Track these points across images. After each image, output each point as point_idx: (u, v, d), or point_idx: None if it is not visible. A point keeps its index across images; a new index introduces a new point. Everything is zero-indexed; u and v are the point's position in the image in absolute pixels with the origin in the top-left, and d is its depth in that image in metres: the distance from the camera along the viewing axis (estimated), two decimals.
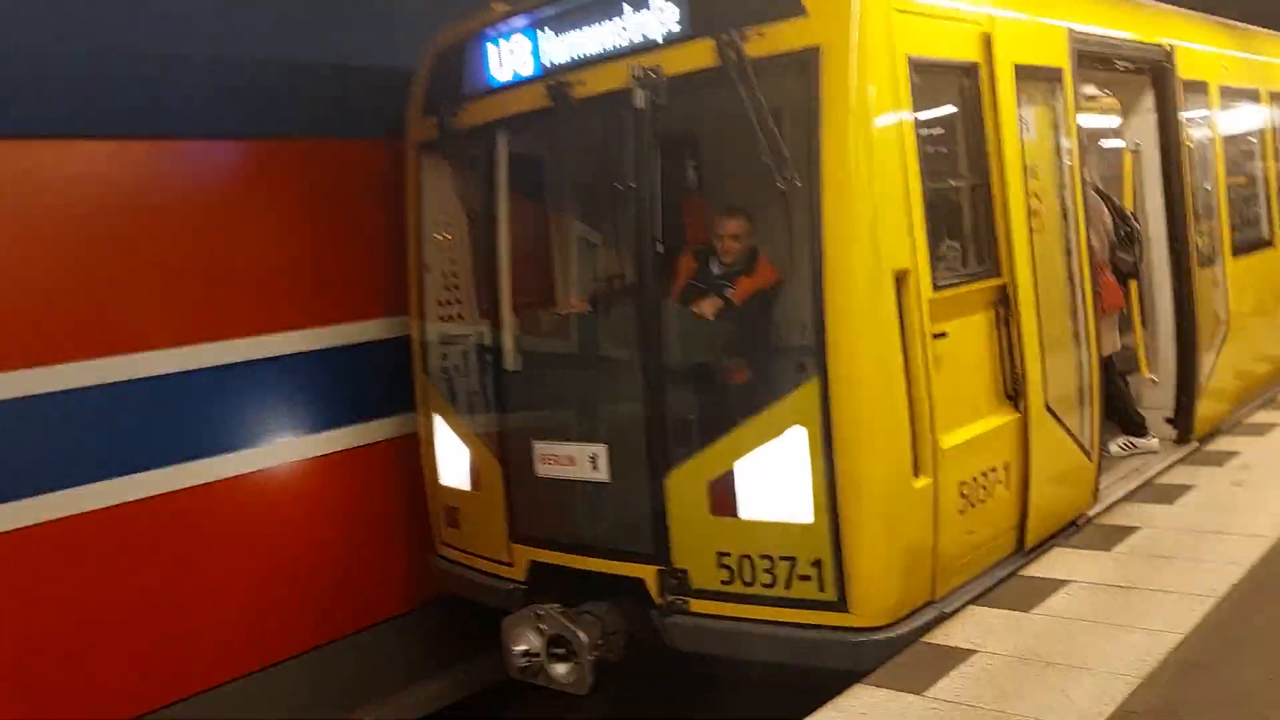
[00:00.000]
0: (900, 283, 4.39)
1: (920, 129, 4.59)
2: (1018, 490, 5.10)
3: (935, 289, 4.58)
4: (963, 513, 4.73)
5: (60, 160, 5.26)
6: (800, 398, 4.41)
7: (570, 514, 5.34)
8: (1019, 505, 5.12)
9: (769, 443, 4.46)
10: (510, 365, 5.58)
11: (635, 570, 4.97)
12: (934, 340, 4.54)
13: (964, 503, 4.74)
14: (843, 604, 4.40)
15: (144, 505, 5.40)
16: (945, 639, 4.31)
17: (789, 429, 4.41)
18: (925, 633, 4.40)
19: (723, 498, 4.65)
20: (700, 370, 5.10)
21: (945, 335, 4.63)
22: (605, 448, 5.07)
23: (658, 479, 4.84)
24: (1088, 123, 7.11)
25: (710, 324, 5.20)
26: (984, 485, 4.88)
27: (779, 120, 4.46)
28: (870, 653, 4.30)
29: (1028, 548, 5.18)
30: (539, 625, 5.09)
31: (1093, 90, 7.56)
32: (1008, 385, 5.04)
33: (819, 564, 4.44)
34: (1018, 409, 5.06)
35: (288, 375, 6.04)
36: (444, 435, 6.06)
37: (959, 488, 4.70)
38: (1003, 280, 5.02)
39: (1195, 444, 6.88)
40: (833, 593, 4.42)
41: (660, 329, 4.91)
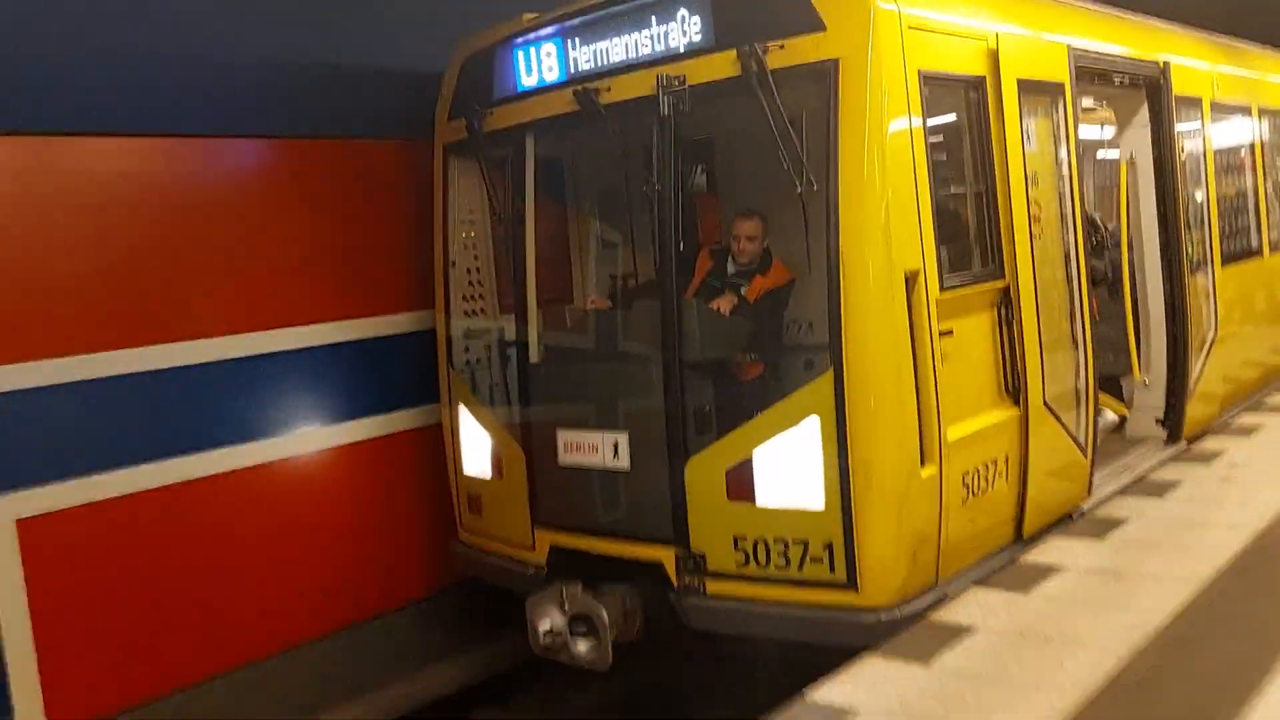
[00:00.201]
0: (910, 283, 4.66)
1: (930, 138, 4.85)
2: (1016, 482, 5.38)
3: (942, 289, 4.85)
4: (965, 501, 5.00)
5: (125, 156, 5.56)
6: (816, 389, 4.67)
7: (592, 500, 5.59)
8: (1017, 496, 5.40)
9: (786, 432, 4.73)
10: (535, 358, 5.85)
11: (654, 553, 5.23)
12: (941, 338, 4.81)
13: (966, 492, 5.01)
14: (852, 584, 4.67)
15: (192, 486, 5.69)
16: (948, 617, 4.58)
17: (805, 419, 4.68)
18: (929, 612, 4.67)
19: (740, 484, 4.91)
20: (718, 364, 5.36)
21: (951, 333, 4.91)
22: (627, 436, 5.32)
23: (678, 466, 5.09)
24: (1085, 133, 7.39)
25: (727, 320, 5.47)
26: (985, 476, 5.15)
27: (797, 128, 4.73)
28: (878, 630, 4.55)
29: (1025, 537, 5.46)
30: (562, 604, 5.35)
31: (1090, 103, 7.87)
32: (1008, 382, 5.32)
33: (830, 547, 4.71)
34: (1017, 405, 5.34)
35: (326, 365, 6.32)
36: (468, 425, 6.30)
37: (962, 478, 4.97)
38: (1005, 282, 5.30)
39: (1184, 443, 7.16)
40: (843, 574, 4.69)
41: (681, 324, 5.17)
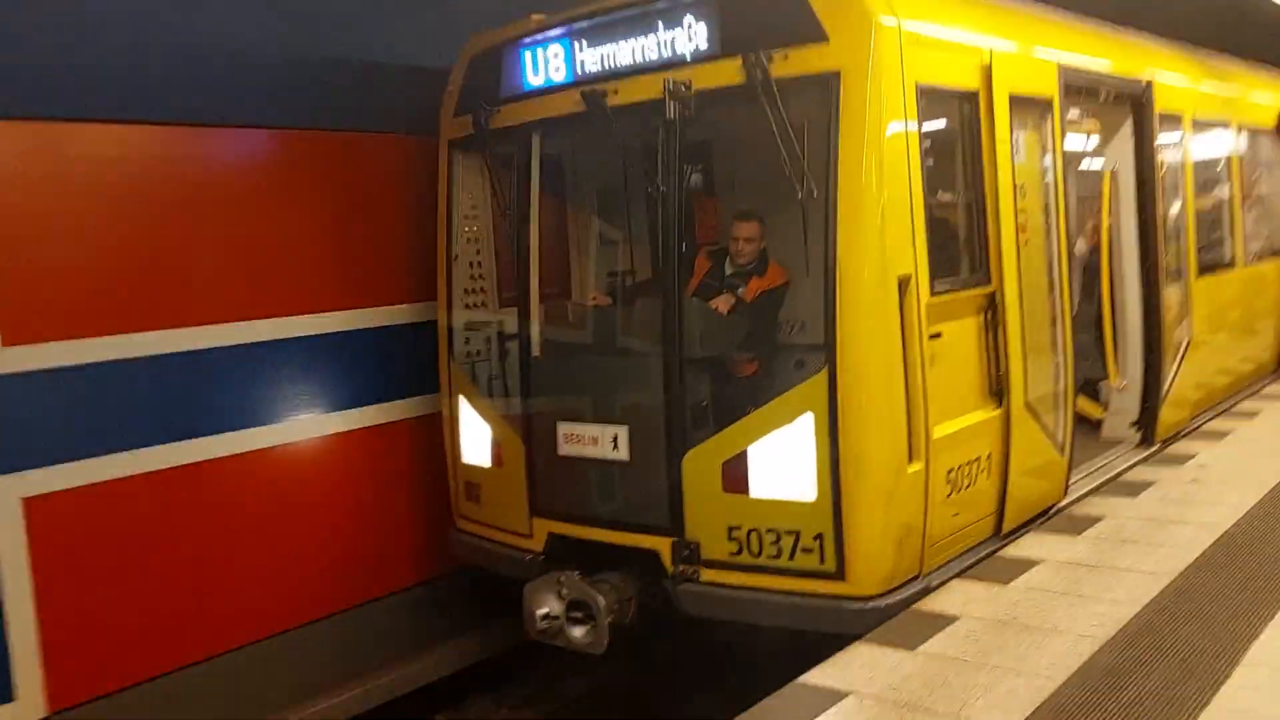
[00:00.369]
0: (903, 287, 4.86)
1: (924, 148, 5.06)
2: (998, 479, 5.60)
3: (932, 294, 5.06)
4: (949, 497, 5.22)
5: (141, 144, 5.70)
6: (811, 387, 4.87)
7: (590, 490, 5.76)
8: (998, 493, 5.63)
9: (782, 428, 4.93)
10: (537, 351, 6.01)
11: (650, 542, 5.41)
12: (930, 340, 5.02)
13: (951, 488, 5.23)
14: (841, 574, 4.87)
15: (197, 469, 5.84)
16: (932, 606, 4.80)
17: (800, 416, 4.87)
18: (914, 602, 4.89)
19: (735, 477, 5.10)
20: (716, 361, 5.55)
21: (940, 335, 5.11)
22: (626, 429, 5.49)
23: (675, 459, 5.27)
24: (1069, 143, 7.64)
25: (724, 319, 5.66)
26: (968, 473, 5.37)
27: (799, 136, 4.91)
28: (865, 618, 4.76)
29: (1005, 532, 5.69)
30: (560, 590, 5.52)
31: (1075, 115, 8.11)
32: (992, 384, 5.53)
33: (820, 537, 4.91)
34: (1000, 406, 5.56)
35: (327, 352, 6.47)
36: (468, 415, 6.45)
37: (947, 474, 5.19)
38: (992, 288, 5.51)
39: (1158, 446, 7.43)
40: (832, 564, 4.88)
41: (681, 322, 5.35)
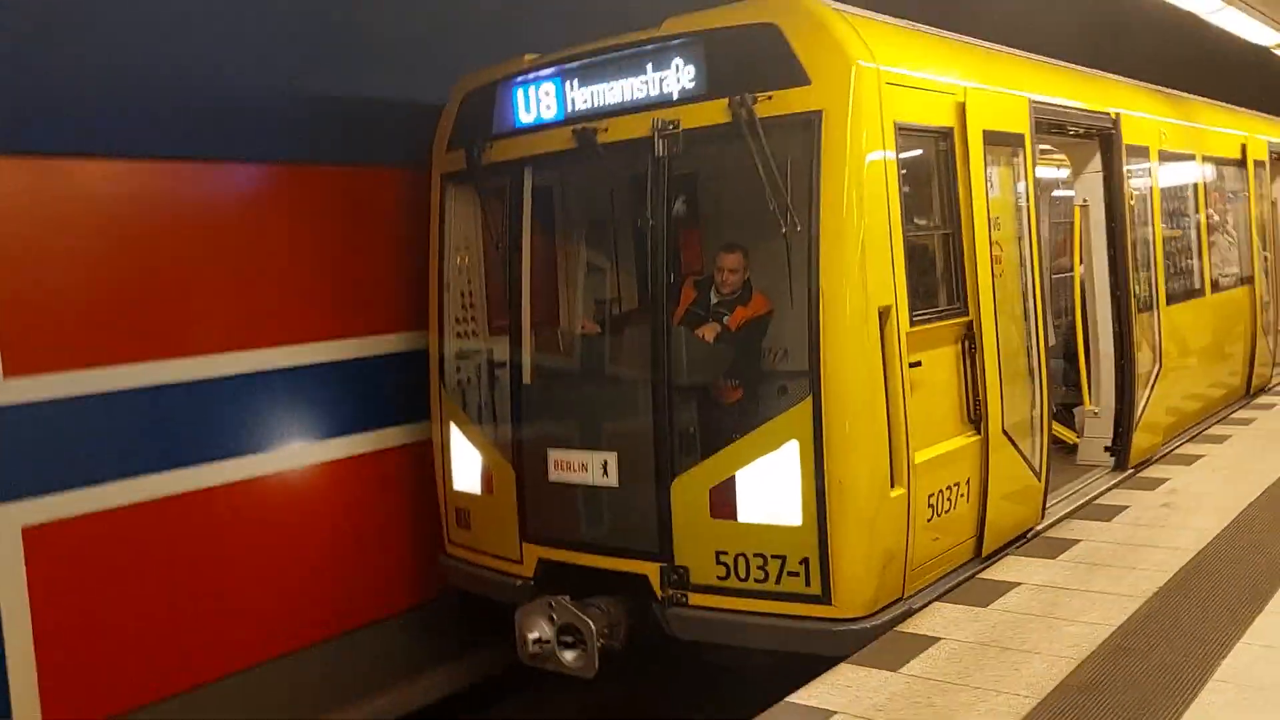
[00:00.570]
0: (883, 317, 5.04)
1: (903, 184, 5.26)
2: (977, 504, 5.77)
3: (912, 324, 5.24)
4: (930, 521, 5.38)
5: (133, 180, 5.80)
6: (796, 415, 5.03)
7: (580, 516, 5.89)
8: (978, 517, 5.79)
9: (768, 454, 5.08)
10: (528, 379, 6.14)
11: (639, 567, 5.53)
12: (910, 368, 5.20)
13: (931, 512, 5.39)
14: (827, 597, 5.01)
15: (190, 498, 5.91)
16: (915, 628, 4.95)
17: (786, 443, 5.03)
18: (897, 624, 5.03)
19: (723, 502, 5.24)
20: (703, 389, 5.71)
21: (919, 364, 5.29)
22: (615, 456, 5.63)
23: (664, 485, 5.41)
24: (1040, 174, 7.90)
25: (711, 347, 5.82)
26: (949, 498, 5.54)
27: (783, 173, 5.10)
28: (850, 640, 4.90)
29: (984, 555, 5.85)
30: (551, 614, 5.62)
31: (1046, 146, 8.39)
32: (970, 410, 5.71)
33: (806, 562, 5.05)
34: (979, 432, 5.73)
35: (319, 382, 6.57)
36: (458, 442, 6.57)
37: (928, 499, 5.35)
38: (969, 318, 5.71)
39: (1130, 470, 7.63)
40: (818, 587, 5.02)
41: (669, 350, 5.50)
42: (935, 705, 4.09)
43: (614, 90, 5.69)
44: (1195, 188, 9.61)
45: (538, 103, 6.02)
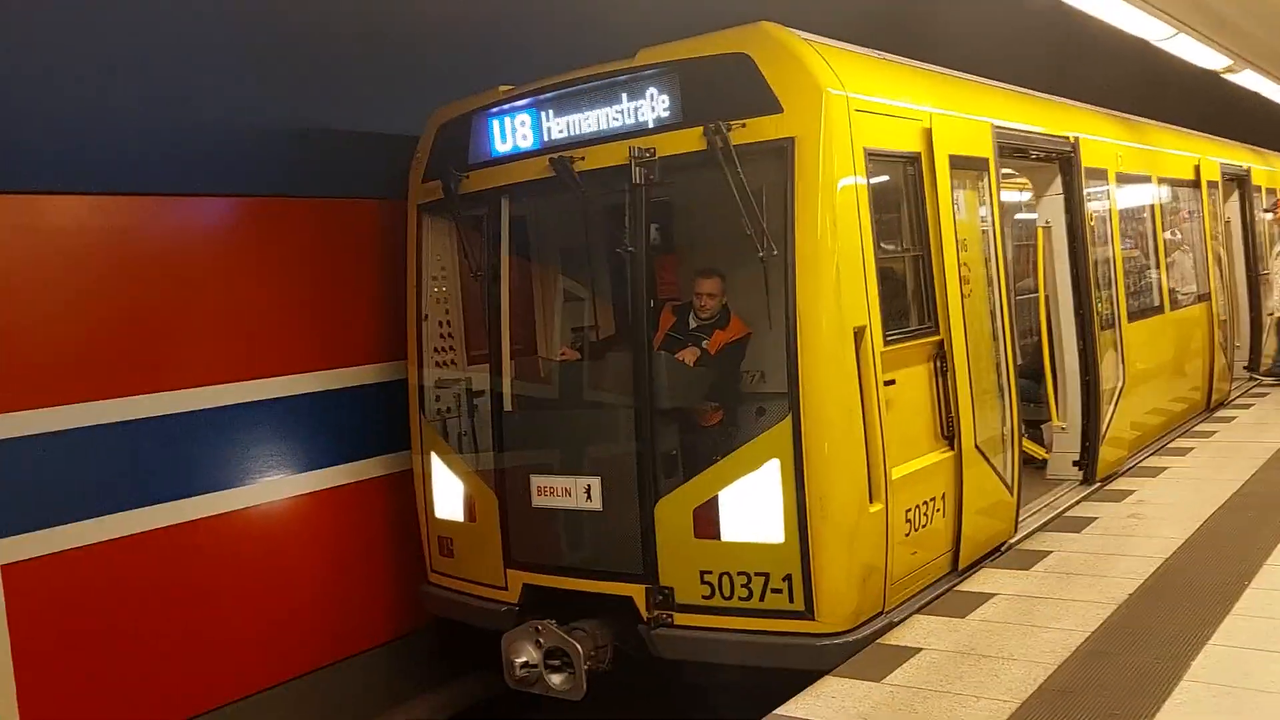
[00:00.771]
0: (858, 337, 5.18)
1: (874, 208, 5.41)
2: (953, 518, 5.90)
3: (886, 343, 5.38)
4: (908, 535, 5.50)
5: (110, 215, 5.83)
6: (776, 434, 5.14)
7: (563, 540, 5.94)
8: (954, 531, 5.93)
9: (750, 474, 5.18)
10: (509, 407, 6.21)
11: (624, 589, 5.58)
12: (885, 387, 5.34)
13: (909, 527, 5.51)
14: (810, 612, 5.10)
15: (170, 532, 5.89)
16: (896, 640, 5.05)
17: (768, 462, 5.13)
18: (879, 636, 5.13)
19: (706, 522, 5.32)
20: (684, 412, 5.80)
21: (894, 383, 5.43)
22: (599, 480, 5.69)
23: (648, 507, 5.48)
24: (1006, 197, 8.13)
25: (690, 371, 5.93)
26: (925, 513, 5.67)
27: (758, 199, 5.24)
28: (833, 654, 4.98)
29: (961, 568, 5.98)
30: (538, 639, 5.66)
31: (1009, 170, 8.63)
32: (944, 427, 5.86)
33: (789, 578, 5.14)
34: (952, 448, 5.88)
35: (297, 413, 6.59)
36: (440, 471, 6.60)
37: (905, 514, 5.47)
38: (940, 337, 5.86)
39: (1098, 483, 7.82)
40: (801, 603, 5.11)
41: (650, 375, 5.60)
42: (918, 712, 4.19)
43: (590, 119, 5.81)
44: (1152, 208, 9.90)
45: (514, 132, 6.12)
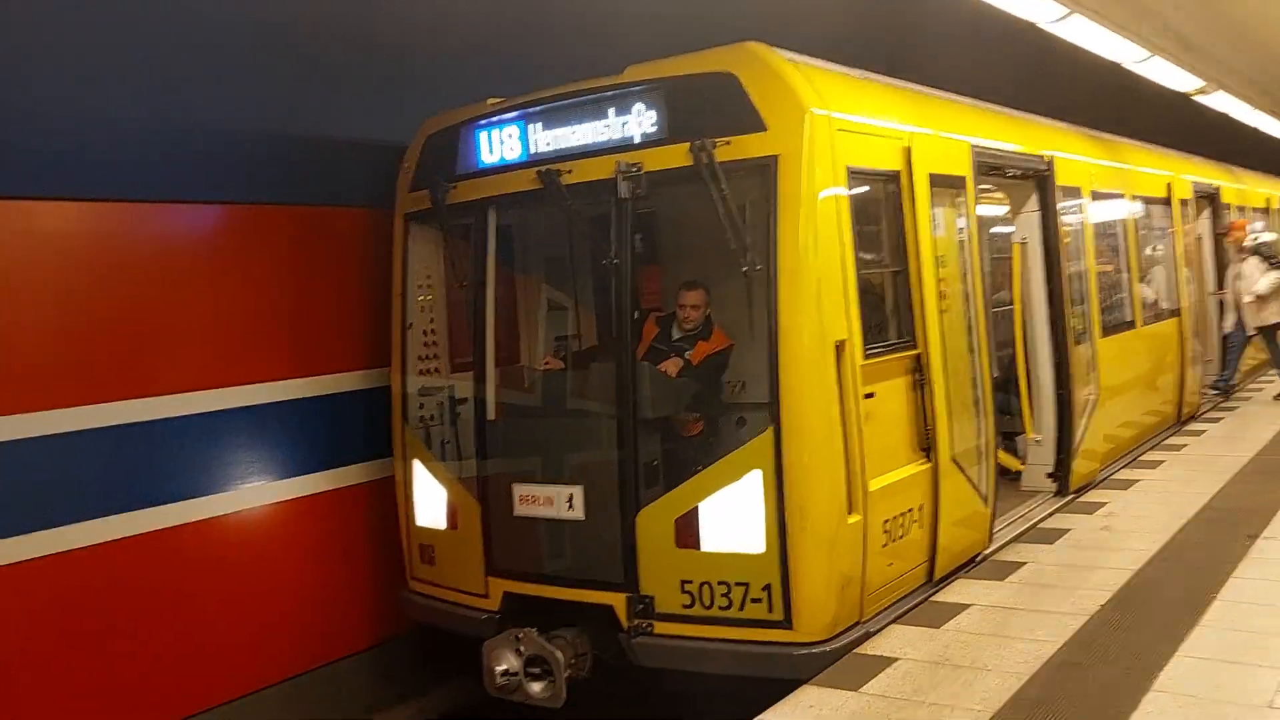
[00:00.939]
0: (839, 351, 5.27)
1: (855, 224, 5.51)
2: (929, 529, 6.01)
3: (865, 357, 5.48)
4: (885, 546, 5.60)
5: (94, 221, 5.84)
6: (758, 446, 5.22)
7: (545, 549, 5.99)
8: (930, 542, 6.02)
9: (732, 484, 5.25)
10: (492, 415, 6.25)
11: (605, 598, 5.64)
12: (864, 399, 5.43)
13: (886, 538, 5.61)
14: (788, 622, 5.18)
15: (152, 538, 5.90)
16: (873, 650, 5.14)
17: (749, 473, 5.21)
18: (856, 646, 5.21)
19: (687, 532, 5.39)
20: (666, 422, 5.87)
21: (873, 395, 5.53)
22: (581, 489, 5.75)
23: (629, 517, 5.54)
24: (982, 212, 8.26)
25: (673, 381, 6.00)
26: (902, 524, 5.76)
27: (742, 214, 5.34)
28: (811, 663, 5.06)
29: (936, 579, 6.08)
30: (518, 647, 5.70)
31: (986, 186, 8.78)
32: (921, 439, 5.96)
33: (769, 588, 5.22)
34: (929, 460, 5.98)
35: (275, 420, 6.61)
36: (422, 479, 6.63)
37: (883, 525, 5.56)
38: (918, 351, 5.97)
39: (1072, 495, 7.96)
40: (780, 612, 5.19)
41: (633, 385, 5.67)
42: None
43: (577, 134, 5.88)
44: (1125, 225, 10.09)
45: (501, 145, 6.18)
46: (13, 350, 5.41)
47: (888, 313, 6.02)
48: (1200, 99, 13.52)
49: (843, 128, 5.46)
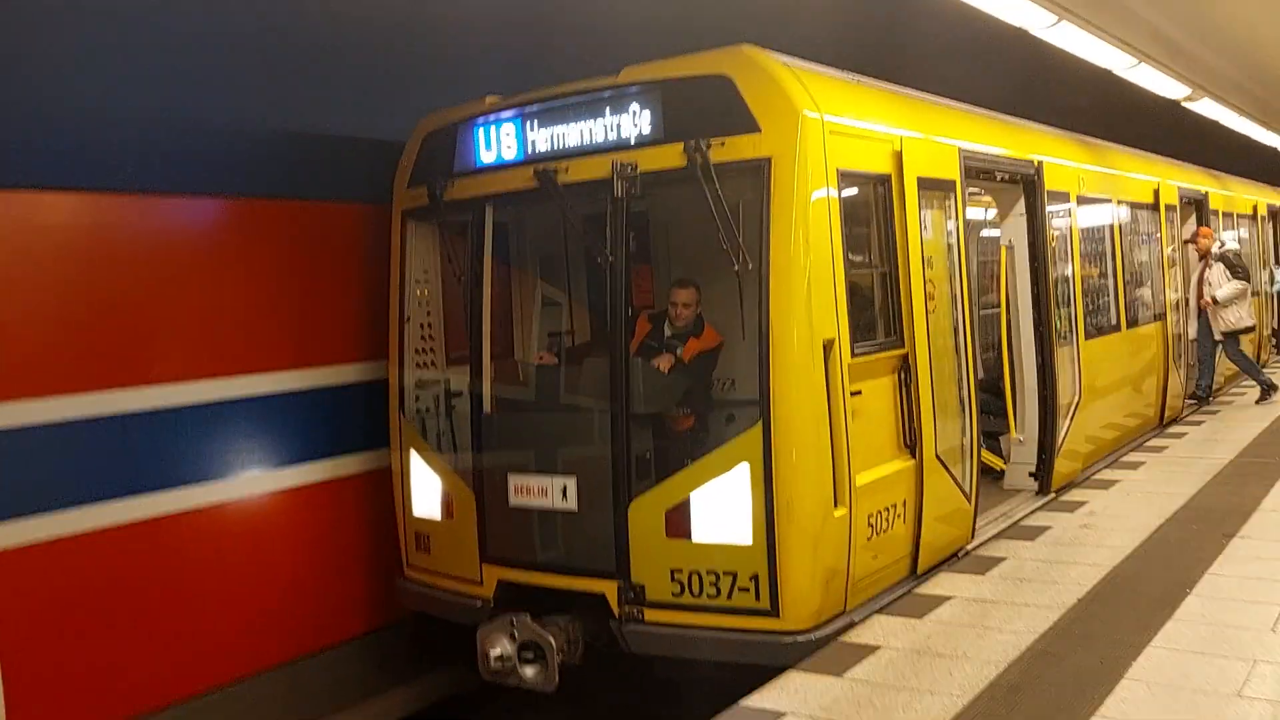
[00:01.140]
0: (827, 349, 5.42)
1: (845, 226, 5.65)
2: (913, 524, 6.16)
3: (853, 355, 5.62)
4: (870, 540, 5.74)
5: (100, 212, 5.95)
6: (747, 440, 5.36)
7: (539, 538, 6.13)
8: (913, 537, 6.17)
9: (721, 476, 5.39)
10: (488, 408, 6.39)
11: (597, 586, 5.77)
12: (851, 397, 5.58)
13: (871, 531, 5.75)
14: (775, 611, 5.32)
15: (152, 524, 6.02)
16: (856, 638, 5.29)
17: (738, 466, 5.35)
18: (840, 635, 5.36)
19: (678, 523, 5.53)
20: (658, 416, 6.01)
21: (860, 393, 5.68)
22: (575, 480, 5.89)
23: (621, 508, 5.68)
24: (970, 215, 8.41)
25: (665, 377, 6.14)
26: (887, 518, 5.91)
27: (735, 214, 5.47)
28: (796, 651, 5.20)
29: (919, 572, 6.23)
30: (512, 632, 5.84)
31: (974, 189, 8.93)
32: (906, 436, 6.10)
33: (756, 578, 5.36)
34: (914, 457, 6.13)
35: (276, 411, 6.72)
36: (418, 469, 6.76)
37: (868, 519, 5.71)
38: (904, 350, 6.12)
39: (1053, 494, 8.12)
40: (767, 602, 5.33)
41: (626, 380, 5.80)
42: (876, 705, 4.43)
43: (574, 133, 6.00)
44: (1112, 230, 10.24)
45: (499, 143, 6.30)
46: (14, 337, 5.52)
47: (876, 312, 6.16)
48: (1188, 105, 13.69)
49: (834, 130, 5.60)
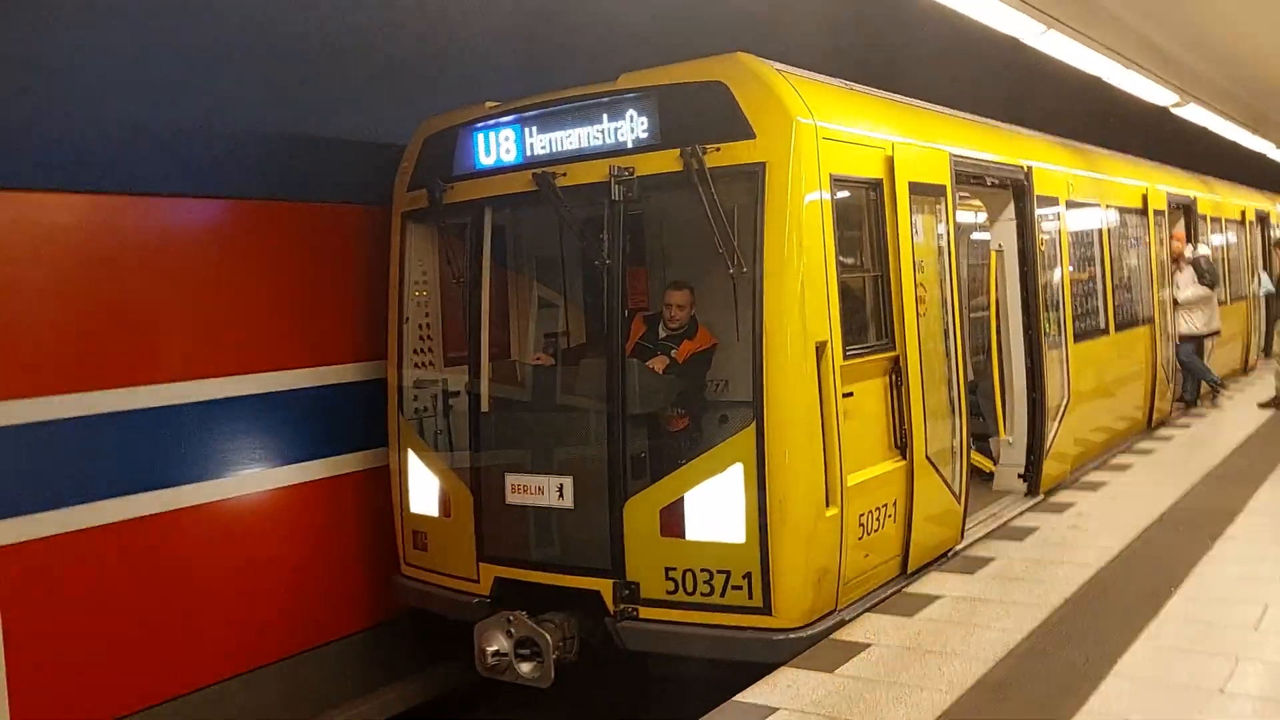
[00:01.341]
0: (820, 351, 5.51)
1: (838, 230, 5.75)
2: (903, 524, 6.26)
3: (845, 357, 5.72)
4: (861, 539, 5.84)
5: (104, 214, 6.02)
6: (740, 440, 5.45)
7: (535, 536, 6.22)
8: (903, 536, 6.28)
9: (715, 476, 5.48)
10: (486, 408, 6.47)
11: (593, 583, 5.86)
12: (843, 398, 5.68)
13: (862, 531, 5.85)
14: (767, 609, 5.41)
15: (154, 521, 6.08)
16: (847, 636, 5.39)
17: (732, 466, 5.44)
18: (831, 632, 5.46)
19: (672, 522, 5.62)
20: (653, 416, 6.10)
21: (851, 394, 5.77)
22: (571, 480, 5.97)
23: (617, 506, 5.77)
24: (960, 218, 8.51)
25: (660, 378, 6.23)
26: (878, 518, 6.01)
27: (730, 218, 5.56)
28: (789, 648, 5.30)
29: (909, 571, 6.33)
30: (509, 629, 5.92)
31: (965, 194, 9.03)
32: (897, 438, 6.20)
33: (749, 576, 5.45)
34: (904, 458, 6.23)
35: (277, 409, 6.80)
36: (416, 468, 6.84)
37: (859, 519, 5.81)
38: (895, 353, 6.22)
39: (1042, 496, 8.23)
40: (760, 600, 5.42)
41: (622, 380, 5.89)
42: (866, 700, 4.53)
43: (572, 138, 6.09)
44: (1100, 234, 10.37)
45: (498, 147, 6.39)
46: (19, 336, 5.58)
47: (867, 315, 6.26)
48: (1177, 111, 13.85)
49: (828, 136, 5.69)
